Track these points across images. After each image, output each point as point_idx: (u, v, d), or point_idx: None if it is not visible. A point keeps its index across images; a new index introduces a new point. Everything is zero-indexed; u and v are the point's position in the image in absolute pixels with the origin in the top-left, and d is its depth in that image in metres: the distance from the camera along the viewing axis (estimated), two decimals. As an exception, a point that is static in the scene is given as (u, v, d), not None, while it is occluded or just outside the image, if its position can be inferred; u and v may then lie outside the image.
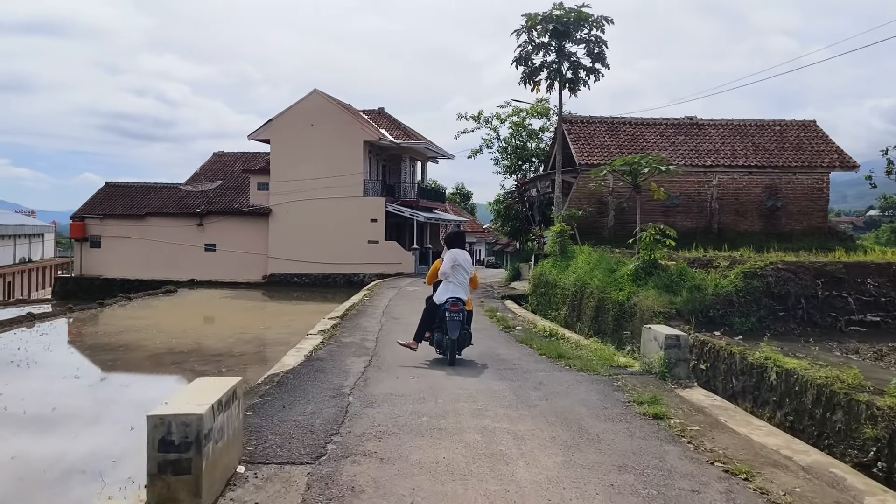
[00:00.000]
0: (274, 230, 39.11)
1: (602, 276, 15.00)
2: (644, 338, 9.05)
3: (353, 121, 38.68)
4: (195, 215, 39.73)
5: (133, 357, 16.70)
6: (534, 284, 21.75)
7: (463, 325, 9.57)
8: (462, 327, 9.56)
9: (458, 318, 9.44)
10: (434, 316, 9.88)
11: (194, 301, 30.89)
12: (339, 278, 38.11)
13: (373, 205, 38.28)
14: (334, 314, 16.39)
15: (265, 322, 23.90)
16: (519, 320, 16.88)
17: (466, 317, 9.84)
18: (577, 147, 23.61)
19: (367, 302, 20.87)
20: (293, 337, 19.11)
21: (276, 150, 39.10)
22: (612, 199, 23.18)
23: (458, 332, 9.44)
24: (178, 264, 39.17)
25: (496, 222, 30.50)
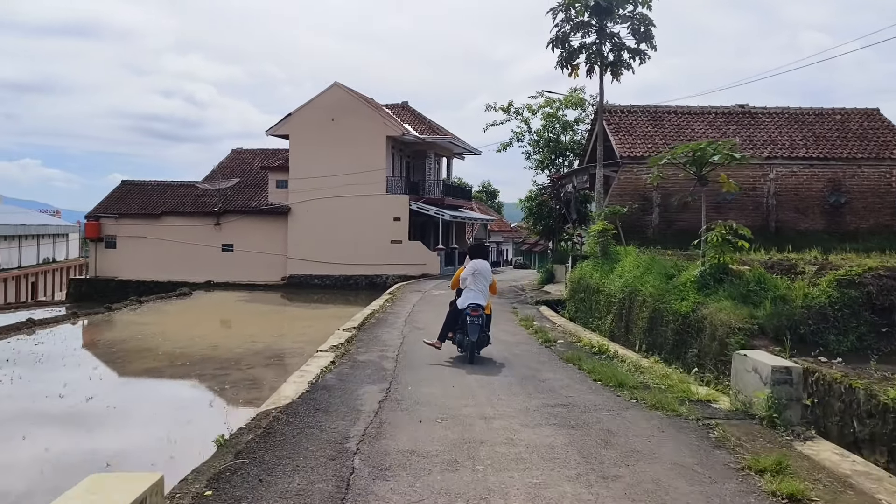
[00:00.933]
0: (293, 230, 37.48)
1: (657, 283, 12.99)
2: (737, 367, 7.06)
3: (375, 115, 36.93)
4: (212, 214, 38.25)
5: (128, 369, 15.04)
6: (572, 289, 19.77)
7: (482, 328, 10.57)
8: (481, 330, 10.54)
9: (477, 322, 10.46)
10: (457, 319, 10.84)
11: (208, 305, 29.33)
12: (361, 280, 36.39)
13: (396, 203, 36.50)
14: (351, 324, 14.57)
15: (280, 329, 22.20)
16: (559, 331, 14.92)
17: (486, 320, 10.79)
18: (618, 138, 21.57)
19: (389, 308, 19.03)
20: (308, 346, 17.36)
21: (296, 146, 37.47)
22: (657, 195, 21.10)
23: (477, 334, 10.44)
24: (194, 265, 37.71)
25: (527, 220, 28.57)
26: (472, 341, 10.41)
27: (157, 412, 11.08)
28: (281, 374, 13.27)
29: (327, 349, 11.17)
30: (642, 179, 21.21)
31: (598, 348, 11.81)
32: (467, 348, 10.55)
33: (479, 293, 10.77)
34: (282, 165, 38.53)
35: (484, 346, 10.82)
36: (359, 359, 10.74)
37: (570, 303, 19.73)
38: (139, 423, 10.30)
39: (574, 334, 14.26)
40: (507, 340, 13.09)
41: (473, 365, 10.15)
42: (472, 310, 10.48)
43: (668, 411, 6.90)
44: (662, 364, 10.19)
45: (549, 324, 16.33)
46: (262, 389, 11.22)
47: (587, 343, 12.65)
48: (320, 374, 9.09)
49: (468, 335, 10.43)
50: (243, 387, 12.50)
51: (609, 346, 11.90)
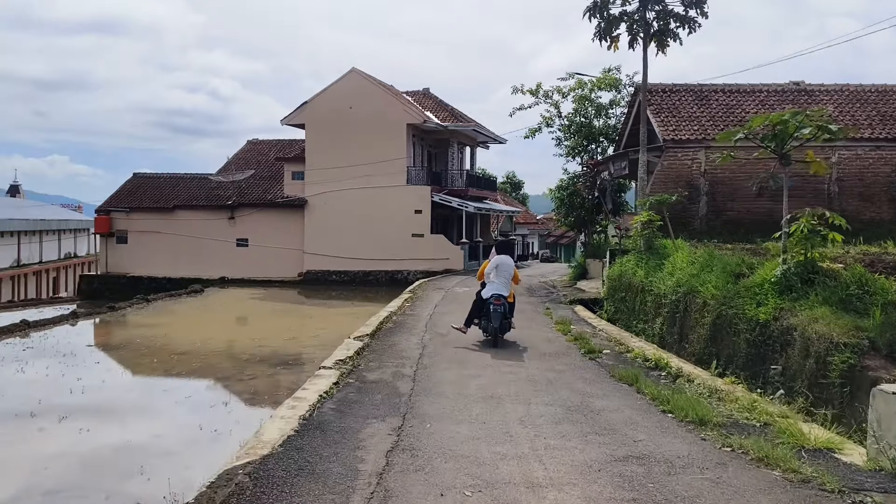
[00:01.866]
0: (310, 223, 35.81)
1: (720, 283, 11.00)
2: (880, 409, 5.10)
3: (395, 102, 35.08)
4: (226, 208, 36.70)
5: (115, 382, 13.36)
6: (610, 287, 17.81)
7: (504, 315, 11.57)
8: (503, 317, 11.56)
9: (500, 310, 11.49)
10: (482, 307, 11.85)
11: (219, 303, 27.74)
12: (381, 276, 34.64)
13: (417, 194, 34.66)
14: (363, 330, 12.76)
15: (292, 330, 20.49)
16: (602, 338, 12.99)
17: (508, 308, 11.82)
18: (661, 120, 19.52)
19: (408, 309, 17.21)
20: (319, 352, 15.60)
21: (312, 136, 35.76)
22: (704, 182, 19.02)
23: (499, 321, 11.48)
24: (207, 261, 36.21)
25: (558, 211, 26.53)
26: (495, 327, 11.50)
27: (103, 464, 8.12)
28: (281, 391, 11.51)
29: (332, 365, 9.34)
30: (688, 165, 19.15)
31: (655, 362, 9.89)
32: (491, 333, 11.65)
33: (502, 285, 11.79)
34: (298, 156, 36.85)
35: (506, 331, 11.87)
36: (368, 378, 8.91)
37: (609, 302, 17.76)
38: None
39: (620, 342, 12.32)
40: (545, 351, 11.19)
41: (498, 349, 11.25)
42: (494, 299, 11.57)
43: (785, 471, 4.98)
44: (743, 387, 8.23)
45: (589, 328, 14.38)
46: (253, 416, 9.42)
47: (638, 354, 10.72)
48: (317, 402, 7.27)
49: (492, 322, 11.52)
50: (234, 411, 10.73)
51: (667, 359, 9.95)
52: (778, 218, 19.44)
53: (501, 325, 11.55)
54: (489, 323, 11.59)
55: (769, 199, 19.14)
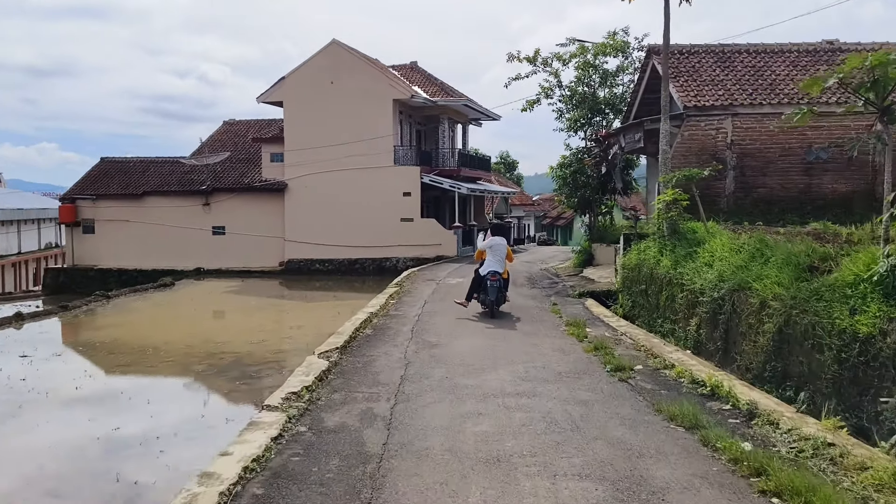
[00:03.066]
0: (290, 208, 33.26)
1: (786, 278, 8.57)
2: None
3: (379, 76, 32.44)
4: (200, 193, 34.09)
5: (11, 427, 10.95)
6: (625, 278, 15.41)
7: (499, 289, 13.06)
8: (499, 291, 13.04)
9: (496, 285, 12.96)
10: (480, 283, 13.22)
11: (189, 299, 25.26)
12: (369, 264, 32.22)
13: (406, 175, 32.13)
14: (333, 343, 10.30)
15: (263, 330, 18.07)
16: (627, 345, 10.60)
17: (503, 283, 13.27)
18: (679, 84, 17.02)
19: (392, 309, 14.76)
20: (291, 359, 13.22)
21: (291, 114, 33.12)
22: (731, 155, 16.57)
23: (495, 294, 12.95)
24: (182, 251, 33.69)
25: (560, 191, 24.04)
26: (492, 300, 12.85)
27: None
28: (233, 424, 9.13)
29: (279, 403, 6.90)
30: (711, 135, 16.68)
31: (712, 388, 7.48)
32: (488, 306, 12.98)
33: (497, 262, 13.13)
34: (276, 136, 34.24)
35: (501, 303, 13.28)
36: (326, 423, 6.48)
37: (625, 296, 15.38)
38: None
39: (652, 352, 9.91)
40: (560, 370, 8.78)
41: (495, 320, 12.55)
42: (490, 276, 12.90)
43: None
44: (845, 432, 5.83)
45: (608, 331, 11.97)
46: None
47: (682, 373, 8.31)
48: (240, 479, 4.84)
49: (489, 295, 12.88)
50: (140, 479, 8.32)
51: (727, 384, 7.51)
52: (817, 196, 17.07)
53: (497, 298, 13.02)
54: (486, 296, 13.01)
55: (804, 173, 16.74)
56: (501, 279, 13.13)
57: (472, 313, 13.19)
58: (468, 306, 13.51)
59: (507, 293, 13.63)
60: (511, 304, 14.97)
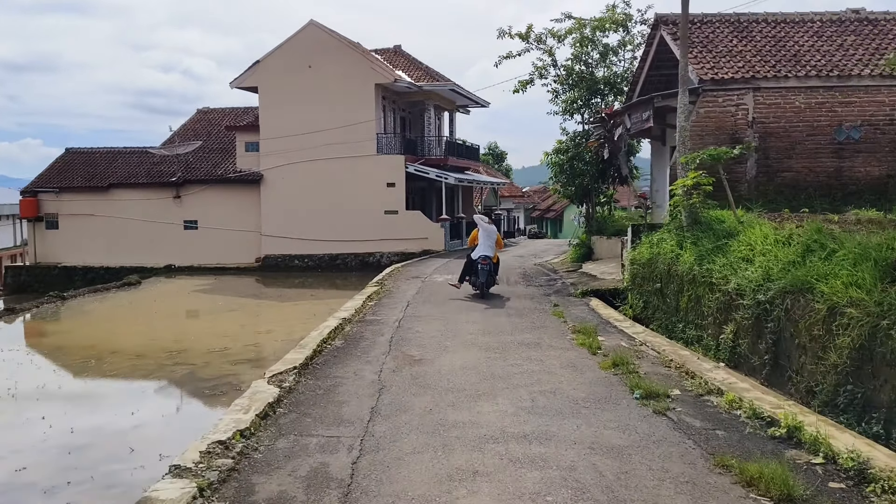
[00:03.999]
0: (267, 201, 31.19)
1: (864, 279, 6.72)
2: None
3: (361, 60, 30.37)
4: (170, 185, 31.94)
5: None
6: (636, 274, 13.54)
7: (489, 272, 14.05)
8: (489, 274, 14.04)
9: (486, 268, 13.94)
10: (472, 267, 14.22)
11: (153, 299, 23.20)
12: (351, 260, 30.26)
13: (389, 165, 30.12)
14: (291, 360, 8.35)
15: (227, 335, 16.09)
16: (651, 359, 8.72)
17: (493, 267, 14.27)
18: (694, 56, 15.11)
19: (370, 312, 12.81)
20: (249, 373, 11.27)
21: (266, 100, 31.02)
22: (753, 134, 14.70)
23: (486, 277, 13.94)
24: (151, 247, 31.61)
25: (556, 179, 22.09)
26: (482, 282, 13.97)
27: None
28: (157, 469, 7.16)
29: (194, 462, 4.93)
30: (731, 112, 14.79)
31: (788, 430, 5.57)
32: (478, 287, 14.09)
33: (488, 248, 14.11)
34: (251, 124, 32.14)
35: (491, 286, 14.32)
36: (255, 496, 4.54)
37: (635, 295, 13.50)
38: None
39: (685, 368, 8.03)
40: (574, 396, 6.89)
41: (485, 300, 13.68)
42: (482, 259, 13.97)
43: None
44: None
45: (623, 338, 10.09)
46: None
47: (736, 403, 6.43)
48: None
49: (479, 278, 14.00)
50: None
51: (814, 428, 5.60)
52: (848, 180, 15.22)
53: (487, 281, 13.99)
54: (477, 279, 14.01)
55: (834, 155, 14.91)
56: (491, 263, 14.13)
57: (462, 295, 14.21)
58: (460, 287, 14.66)
59: (496, 277, 14.66)
60: (508, 306, 13.10)
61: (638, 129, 15.86)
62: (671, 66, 18.12)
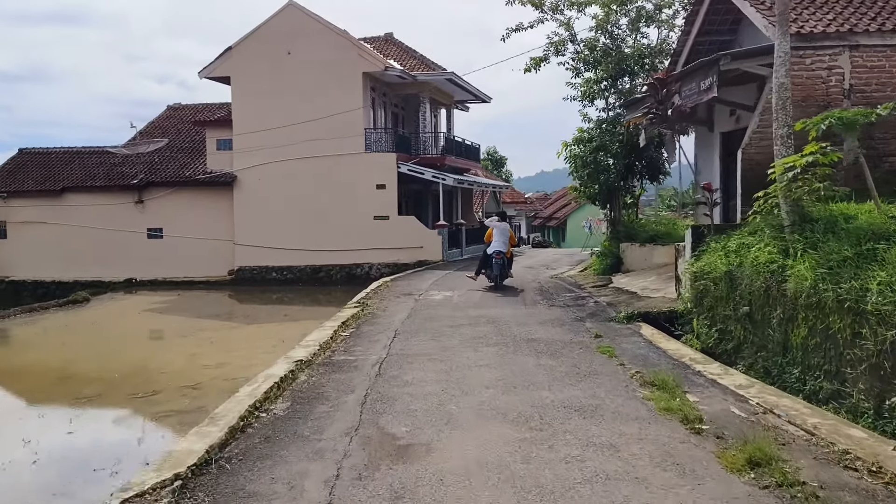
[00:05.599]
0: (241, 206, 27.57)
1: None
2: None
3: (346, 45, 26.83)
4: (132, 189, 28.29)
5: None
6: (702, 292, 9.94)
7: (503, 266, 15.17)
8: (502, 267, 15.16)
9: (500, 262, 15.05)
10: (487, 261, 15.39)
11: (97, 321, 19.51)
12: (336, 272, 26.65)
13: (379, 164, 26.54)
14: (177, 461, 4.71)
15: (169, 369, 12.45)
16: (805, 446, 5.09)
17: (507, 261, 15.39)
18: (768, 7, 11.56)
19: (341, 347, 9.15)
20: (176, 431, 7.67)
21: (240, 92, 27.47)
22: (849, 106, 11.17)
23: (499, 269, 15.06)
24: (110, 258, 27.94)
25: (577, 175, 18.40)
26: (496, 274, 15.10)
27: None
28: None
29: None
30: (821, 77, 11.25)
31: None
32: (493, 279, 15.20)
33: (501, 244, 15.17)
34: (223, 119, 28.56)
35: (505, 278, 15.49)
36: None
37: (702, 321, 9.91)
38: None
39: (886, 471, 4.39)
40: None
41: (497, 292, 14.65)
42: (496, 254, 15.09)
43: None
44: None
45: (725, 396, 6.48)
46: None
47: None
48: None
49: (493, 270, 15.15)
50: None
51: None
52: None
53: (501, 273, 15.23)
54: (491, 271, 15.31)
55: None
56: (504, 257, 15.20)
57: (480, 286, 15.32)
58: (476, 280, 15.70)
59: (510, 270, 15.84)
60: (534, 337, 9.53)
61: (695, 102, 12.20)
62: (725, 30, 14.63)
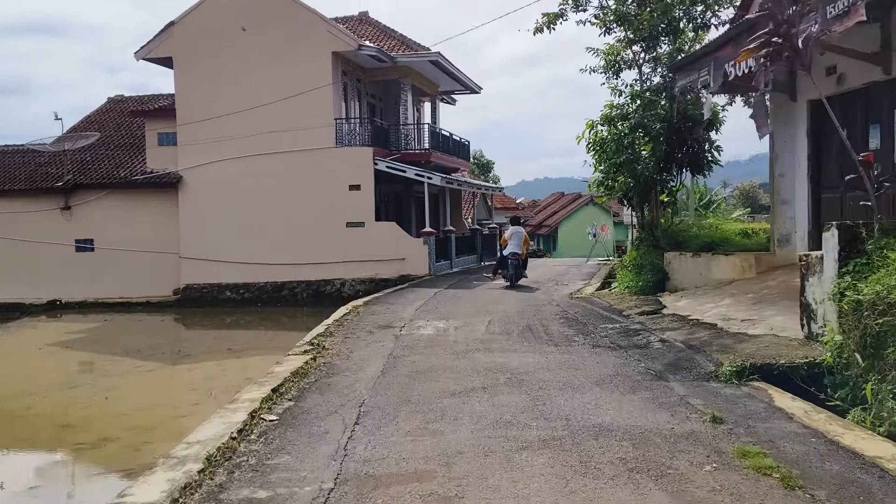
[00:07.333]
0: (188, 211, 23.09)
1: None
2: None
3: (312, 20, 22.51)
4: (57, 192, 23.71)
5: None
6: (882, 339, 5.64)
7: (517, 266, 16.35)
8: (517, 268, 16.34)
9: (515, 262, 16.24)
10: (503, 262, 16.86)
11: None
12: (301, 289, 22.27)
13: (353, 160, 22.20)
14: None
15: (29, 439, 7.97)
16: None
17: (521, 262, 16.62)
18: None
19: (262, 443, 4.72)
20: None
21: (185, 76, 23.05)
22: None
23: (514, 270, 16.24)
24: (30, 276, 23.36)
25: (601, 166, 14.07)
26: (511, 273, 16.27)
27: None
28: None
29: None
30: None
31: None
32: (508, 279, 16.39)
33: (516, 246, 16.41)
34: (165, 108, 24.12)
35: (520, 278, 16.61)
36: None
37: (885, 386, 5.59)
38: None
39: None
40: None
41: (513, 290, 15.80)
42: (511, 256, 16.26)
43: None
44: None
45: None
46: None
47: None
48: None
49: (508, 270, 16.36)
50: None
51: None
52: None
53: (516, 273, 16.31)
54: (507, 271, 16.49)
55: None
56: (519, 258, 16.45)
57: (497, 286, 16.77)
58: (493, 279, 17.50)
59: (524, 270, 17.05)
60: (609, 429, 5.19)
61: (843, 28, 7.83)
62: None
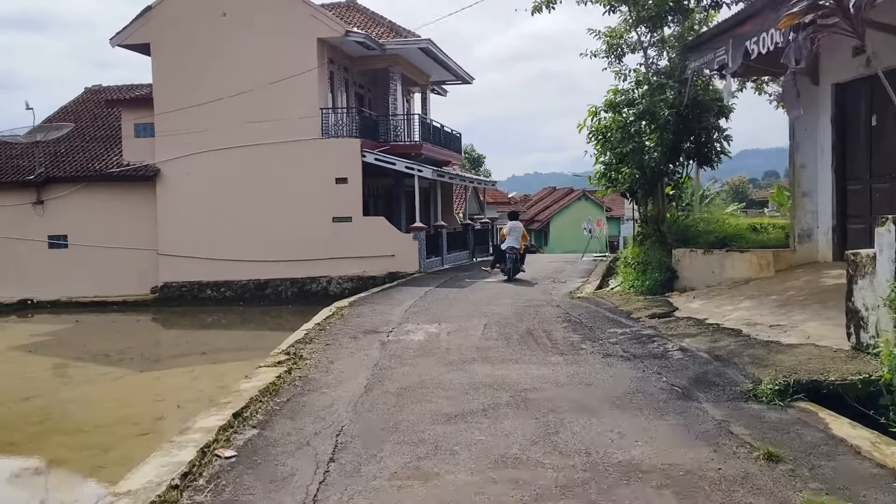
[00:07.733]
0: (166, 206, 22.00)
1: None
2: None
3: (297, 5, 21.42)
4: (28, 186, 22.56)
5: None
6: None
7: (515, 261, 16.77)
8: (515, 262, 16.76)
9: (512, 257, 16.69)
10: (502, 256, 17.18)
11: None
12: (286, 287, 21.23)
13: (340, 152, 21.16)
14: None
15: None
16: None
17: (519, 256, 16.99)
18: None
19: (211, 492, 3.72)
20: None
21: (163, 63, 21.94)
22: None
23: (512, 263, 16.65)
24: (0, 274, 22.19)
25: (603, 156, 13.09)
26: (509, 267, 16.62)
27: None
28: None
29: None
30: None
31: None
32: (507, 273, 16.66)
33: (514, 241, 16.79)
34: (143, 98, 22.98)
35: (517, 273, 16.83)
36: None
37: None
38: None
39: None
40: None
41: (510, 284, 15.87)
42: (509, 250, 16.70)
43: None
44: None
45: None
46: None
47: None
48: None
49: (507, 264, 16.73)
50: None
51: None
52: None
53: (514, 267, 16.66)
54: (505, 265, 16.85)
55: None
56: (517, 253, 16.81)
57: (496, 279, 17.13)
58: (491, 273, 17.80)
59: (522, 265, 17.25)
60: (642, 469, 4.19)
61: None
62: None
